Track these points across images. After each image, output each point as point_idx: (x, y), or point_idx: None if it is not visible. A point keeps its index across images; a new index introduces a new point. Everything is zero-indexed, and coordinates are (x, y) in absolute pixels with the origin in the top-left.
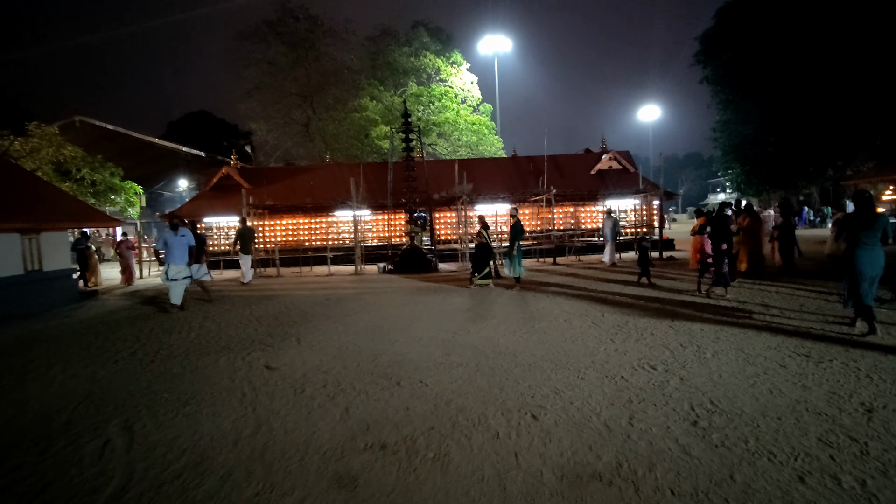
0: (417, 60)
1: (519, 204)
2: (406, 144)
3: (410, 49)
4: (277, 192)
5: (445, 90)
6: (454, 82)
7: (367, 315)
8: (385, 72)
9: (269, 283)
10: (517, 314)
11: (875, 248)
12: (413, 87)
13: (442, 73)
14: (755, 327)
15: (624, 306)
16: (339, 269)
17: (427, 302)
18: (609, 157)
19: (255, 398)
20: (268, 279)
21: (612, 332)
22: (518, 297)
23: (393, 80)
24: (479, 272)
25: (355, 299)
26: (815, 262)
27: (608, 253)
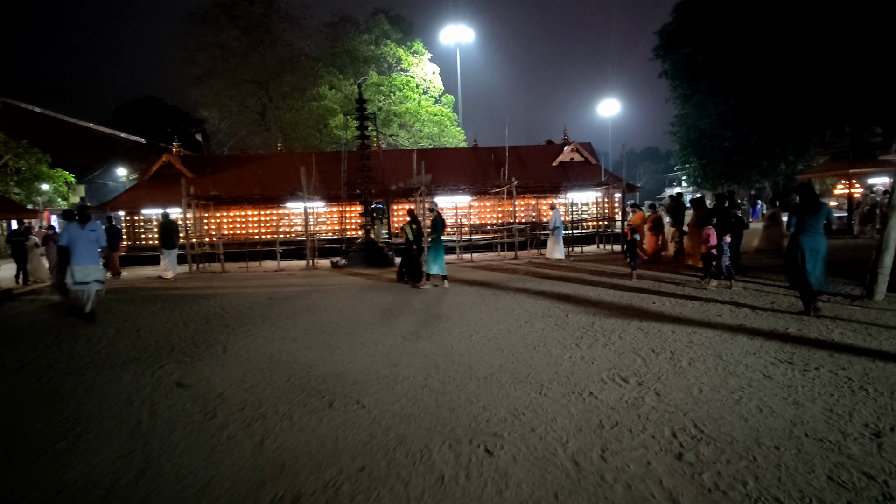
0: (378, 49)
1: (479, 196)
2: (361, 133)
3: (371, 37)
4: (224, 181)
5: (406, 80)
6: (416, 72)
7: (310, 317)
8: (344, 60)
9: (211, 281)
10: (475, 315)
11: (818, 234)
12: (373, 76)
13: (403, 63)
14: (729, 328)
15: (588, 305)
16: (290, 263)
17: (379, 301)
18: (571, 148)
19: (151, 427)
20: (210, 276)
21: (577, 336)
22: (478, 296)
23: (353, 69)
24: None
25: (301, 298)
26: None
27: (556, 248)
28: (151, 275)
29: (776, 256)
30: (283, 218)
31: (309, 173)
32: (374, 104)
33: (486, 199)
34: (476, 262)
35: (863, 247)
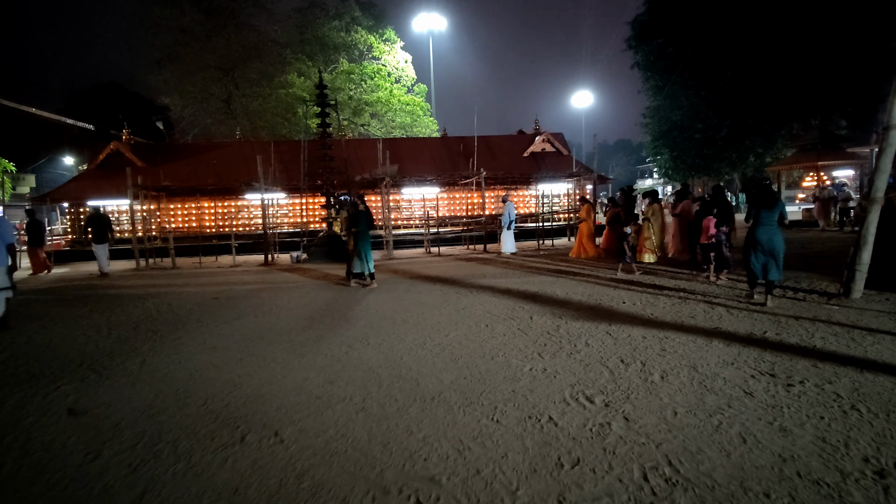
0: (348, 36)
1: (448, 187)
2: (322, 120)
3: (341, 23)
4: (179, 171)
5: (378, 68)
6: (388, 60)
7: (252, 321)
8: (314, 47)
9: (157, 278)
10: (433, 318)
11: (773, 227)
12: (344, 63)
13: (374, 51)
14: (703, 332)
15: (555, 305)
16: (248, 258)
17: (332, 301)
18: (542, 138)
19: (11, 475)
20: (159, 273)
21: (540, 343)
22: (440, 295)
23: (323, 56)
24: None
25: (251, 298)
26: None
27: (507, 242)
28: (94, 271)
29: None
30: (241, 210)
31: (268, 163)
32: (345, 93)
33: (456, 191)
34: (443, 256)
35: (831, 239)
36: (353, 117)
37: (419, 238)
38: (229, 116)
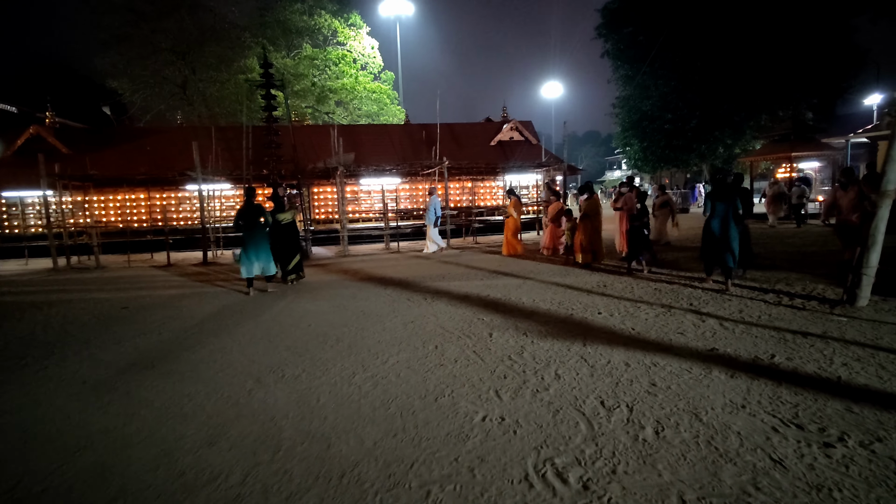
0: (311, 20)
1: (410, 178)
2: (267, 102)
3: (304, 6)
4: (110, 159)
5: (343, 54)
6: (353, 46)
7: (153, 340)
8: (276, 30)
9: (70, 282)
10: (374, 334)
11: (727, 218)
12: (308, 48)
13: (339, 36)
14: (698, 356)
15: (521, 316)
16: (187, 256)
17: (262, 311)
18: (511, 126)
19: None
20: (78, 274)
21: (499, 374)
22: (389, 302)
23: (285, 41)
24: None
25: (166, 307)
26: None
27: (432, 240)
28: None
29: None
30: (183, 202)
31: (209, 150)
32: (308, 79)
33: (418, 182)
34: (403, 252)
35: (809, 233)
36: (318, 105)
37: (378, 233)
38: (185, 102)
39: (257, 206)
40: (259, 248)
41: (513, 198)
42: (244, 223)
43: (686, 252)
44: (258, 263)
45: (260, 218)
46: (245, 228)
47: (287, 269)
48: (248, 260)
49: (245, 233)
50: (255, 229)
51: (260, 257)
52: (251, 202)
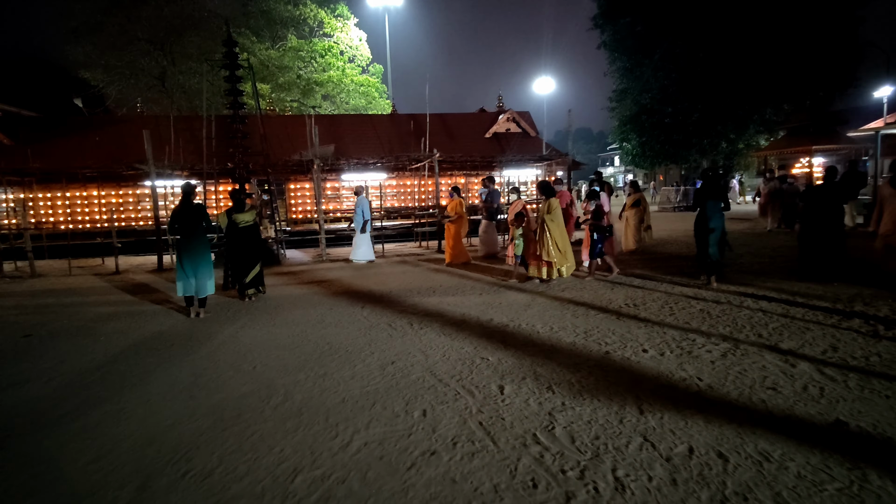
0: (297, 10)
1: (397, 173)
2: (232, 86)
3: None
4: (58, 151)
5: (330, 45)
6: (340, 38)
7: (31, 390)
8: (259, 21)
9: None
10: (334, 392)
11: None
12: (293, 40)
13: (326, 27)
14: (826, 439)
15: (539, 354)
16: (144, 261)
17: (200, 344)
18: (507, 117)
19: None
20: (4, 285)
21: (524, 481)
22: (365, 328)
23: (270, 32)
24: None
25: (79, 335)
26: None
27: (361, 247)
28: None
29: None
30: (142, 200)
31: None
32: (293, 71)
33: (406, 177)
34: (388, 257)
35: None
36: (303, 98)
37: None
38: (164, 94)
39: (196, 207)
40: (197, 260)
41: (456, 197)
42: (179, 227)
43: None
44: (194, 280)
45: (200, 221)
46: (181, 234)
47: (244, 283)
48: (184, 275)
49: (181, 240)
50: (193, 236)
51: (198, 272)
52: (189, 201)
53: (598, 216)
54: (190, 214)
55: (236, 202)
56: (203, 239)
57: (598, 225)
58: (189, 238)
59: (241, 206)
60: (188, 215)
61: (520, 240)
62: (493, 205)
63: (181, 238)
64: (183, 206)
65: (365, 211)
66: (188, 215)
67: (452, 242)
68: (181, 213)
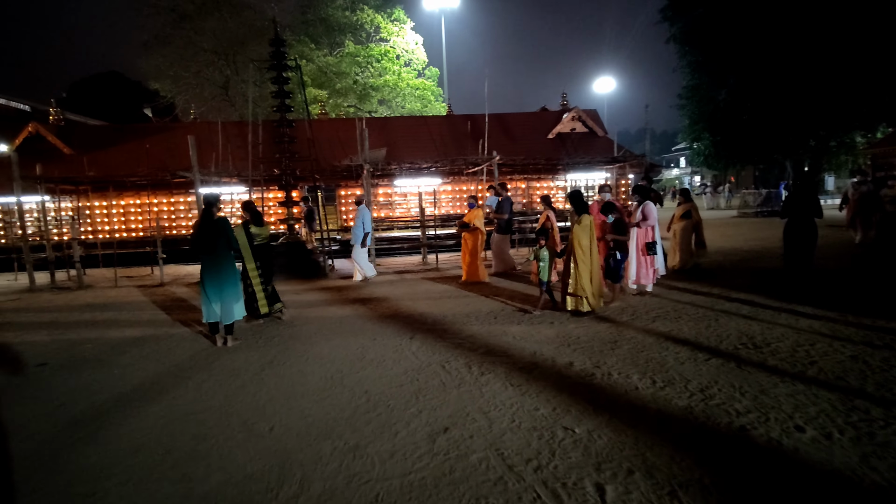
0: (354, 16)
1: (453, 177)
2: (280, 88)
3: (345, 1)
4: (112, 159)
5: (386, 50)
6: (396, 42)
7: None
8: (318, 28)
9: (30, 308)
10: (371, 468)
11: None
12: (350, 45)
13: (382, 32)
14: None
15: (626, 418)
16: (192, 271)
17: (219, 384)
18: (572, 116)
19: None
20: (50, 297)
21: None
22: (413, 367)
23: (328, 39)
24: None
25: (93, 367)
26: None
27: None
28: None
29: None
30: (193, 208)
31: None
32: (350, 77)
33: (462, 182)
34: (441, 268)
35: None
36: (360, 103)
37: (415, 244)
38: (227, 103)
39: (219, 222)
40: (222, 282)
41: (476, 206)
42: (200, 245)
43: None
44: (219, 305)
45: (223, 238)
46: (203, 252)
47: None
48: (208, 299)
49: (203, 259)
50: (216, 255)
51: (224, 295)
52: (210, 215)
53: (619, 229)
54: (212, 230)
55: (254, 215)
56: (228, 257)
57: (619, 241)
58: (212, 257)
59: (260, 219)
60: (210, 231)
61: (545, 261)
62: (504, 215)
63: (203, 257)
64: (204, 220)
65: (366, 223)
66: (210, 231)
67: (469, 259)
68: (202, 228)
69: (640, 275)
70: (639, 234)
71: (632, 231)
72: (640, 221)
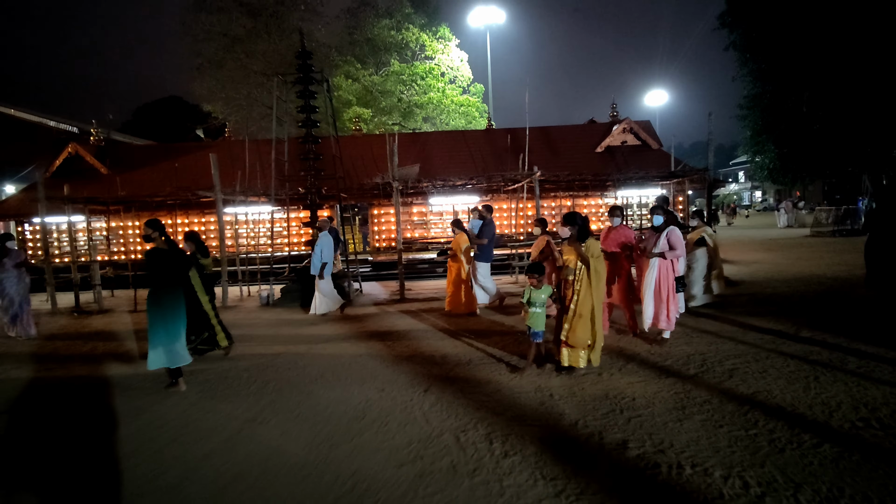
0: (399, 34)
1: (491, 195)
2: (306, 103)
3: (392, 21)
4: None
5: (430, 67)
6: (441, 60)
7: None
8: (364, 48)
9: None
10: None
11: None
12: (395, 64)
13: (427, 50)
14: None
15: None
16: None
17: (190, 448)
18: (622, 127)
19: None
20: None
21: None
22: (414, 447)
23: (373, 58)
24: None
25: (50, 420)
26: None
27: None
28: None
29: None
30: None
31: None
32: (394, 95)
33: (501, 200)
34: None
35: None
36: (404, 121)
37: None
38: (278, 122)
39: (174, 253)
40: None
41: (459, 232)
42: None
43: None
44: (162, 347)
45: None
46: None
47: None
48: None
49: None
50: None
51: (170, 334)
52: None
53: None
54: (162, 259)
55: (198, 245)
56: (178, 292)
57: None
58: (167, 290)
59: (205, 250)
60: (161, 261)
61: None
62: (483, 240)
63: (151, 290)
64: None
65: (325, 251)
66: (161, 261)
67: (453, 289)
68: (166, 258)
69: (658, 317)
70: (661, 268)
71: (651, 263)
72: (664, 251)
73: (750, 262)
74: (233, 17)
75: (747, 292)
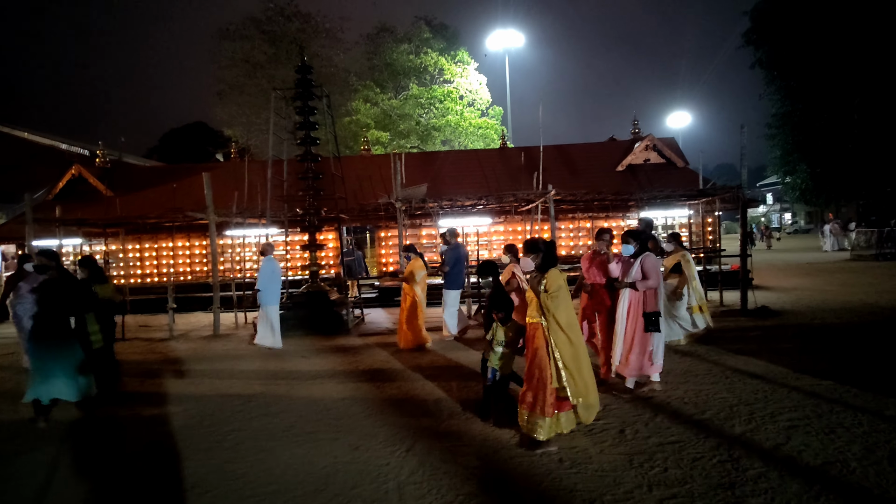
0: (418, 59)
1: (505, 216)
2: (305, 119)
3: (410, 46)
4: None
5: (449, 91)
6: (460, 83)
7: None
8: (383, 73)
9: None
10: None
11: None
12: (414, 88)
13: (446, 73)
14: None
15: None
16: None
17: None
18: (645, 145)
19: None
20: None
21: None
22: None
23: (392, 83)
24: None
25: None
26: None
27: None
28: None
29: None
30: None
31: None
32: (413, 119)
33: (514, 222)
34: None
35: None
36: (422, 144)
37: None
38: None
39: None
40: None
41: (414, 257)
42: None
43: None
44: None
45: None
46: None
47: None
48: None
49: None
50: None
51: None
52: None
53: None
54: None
55: (94, 271)
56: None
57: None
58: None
59: (102, 276)
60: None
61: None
62: (446, 267)
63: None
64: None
65: (261, 277)
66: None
67: (406, 316)
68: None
69: (639, 361)
70: (632, 301)
71: (622, 294)
72: (636, 281)
73: (789, 289)
74: (255, 44)
75: (791, 323)
